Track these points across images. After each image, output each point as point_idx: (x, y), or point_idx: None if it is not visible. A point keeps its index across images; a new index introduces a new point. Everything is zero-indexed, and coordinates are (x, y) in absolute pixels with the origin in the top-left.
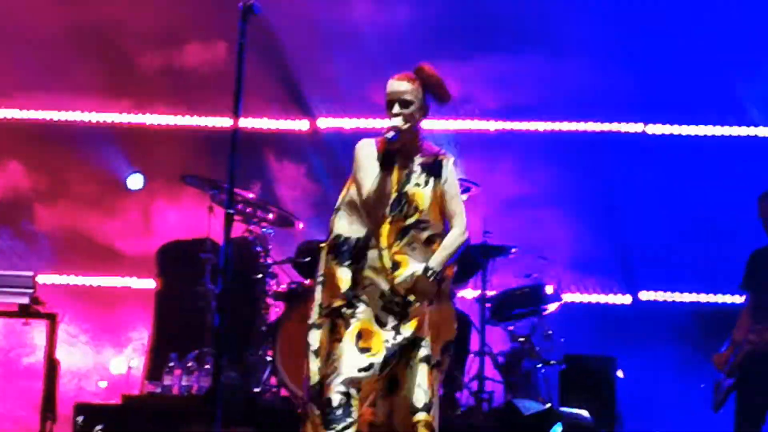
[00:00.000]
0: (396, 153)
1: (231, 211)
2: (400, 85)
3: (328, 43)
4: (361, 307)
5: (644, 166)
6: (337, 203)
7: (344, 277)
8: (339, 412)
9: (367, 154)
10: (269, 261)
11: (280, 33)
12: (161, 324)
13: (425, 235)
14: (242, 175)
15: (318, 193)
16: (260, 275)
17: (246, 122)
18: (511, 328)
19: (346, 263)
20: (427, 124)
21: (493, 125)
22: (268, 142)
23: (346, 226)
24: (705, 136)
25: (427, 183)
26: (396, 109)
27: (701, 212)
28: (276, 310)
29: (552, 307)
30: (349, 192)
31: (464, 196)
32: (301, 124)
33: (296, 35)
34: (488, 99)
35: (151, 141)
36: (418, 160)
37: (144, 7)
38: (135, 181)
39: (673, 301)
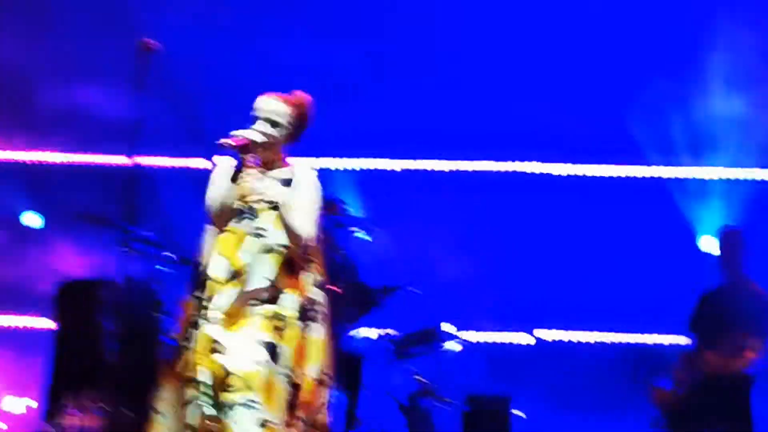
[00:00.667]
0: (244, 166)
1: (128, 249)
2: (271, 103)
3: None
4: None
5: (544, 206)
6: None
7: (188, 311)
8: None
9: (217, 171)
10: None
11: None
12: (59, 364)
13: (262, 244)
14: (141, 214)
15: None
16: (158, 314)
17: (145, 160)
18: (412, 367)
19: (197, 291)
20: (329, 162)
21: (398, 164)
22: (170, 180)
23: (206, 243)
24: (602, 176)
25: (274, 195)
26: (260, 126)
27: (601, 252)
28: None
29: (450, 346)
30: None
31: (364, 235)
32: (203, 162)
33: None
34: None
35: (49, 179)
36: (272, 174)
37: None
38: (31, 220)
39: (577, 341)
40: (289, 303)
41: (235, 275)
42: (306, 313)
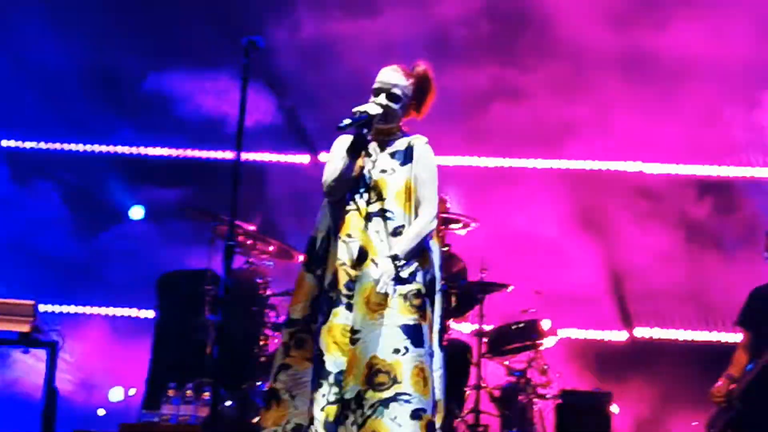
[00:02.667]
0: (366, 141)
1: (232, 243)
2: (392, 75)
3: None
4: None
5: (638, 206)
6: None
7: (306, 283)
8: None
9: (337, 144)
10: (269, 293)
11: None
12: (160, 354)
13: (393, 225)
14: (244, 208)
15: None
16: (260, 307)
17: (249, 155)
18: (507, 362)
19: (313, 266)
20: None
21: (491, 162)
22: (271, 175)
23: (320, 222)
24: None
25: (395, 171)
26: (381, 99)
27: (695, 251)
28: (275, 341)
29: (548, 342)
30: None
31: (463, 231)
32: (303, 158)
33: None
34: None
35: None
36: (389, 149)
37: None
38: (136, 212)
39: (667, 339)
40: (421, 279)
41: (366, 257)
42: (433, 290)
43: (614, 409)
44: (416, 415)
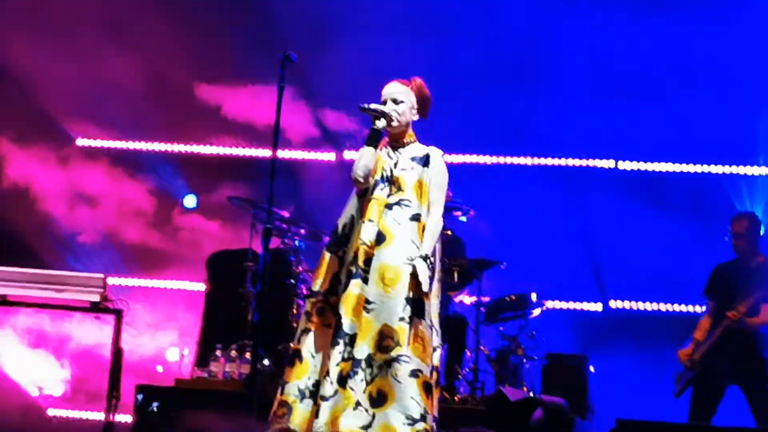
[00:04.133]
0: (380, 134)
1: (269, 226)
2: (395, 87)
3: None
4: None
5: (614, 196)
6: None
7: (326, 262)
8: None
9: (362, 148)
10: (300, 269)
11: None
12: (209, 320)
13: (409, 213)
14: (279, 197)
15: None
16: (292, 280)
17: (284, 153)
18: (501, 328)
19: (334, 248)
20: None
21: (488, 159)
22: (302, 170)
23: (346, 210)
24: (668, 172)
25: (413, 169)
26: (389, 105)
27: (662, 235)
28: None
29: (536, 312)
30: None
31: (463, 218)
32: (330, 156)
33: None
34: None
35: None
36: (408, 152)
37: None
38: (190, 201)
39: (637, 309)
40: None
41: (383, 239)
42: (433, 275)
43: (591, 368)
44: (414, 374)
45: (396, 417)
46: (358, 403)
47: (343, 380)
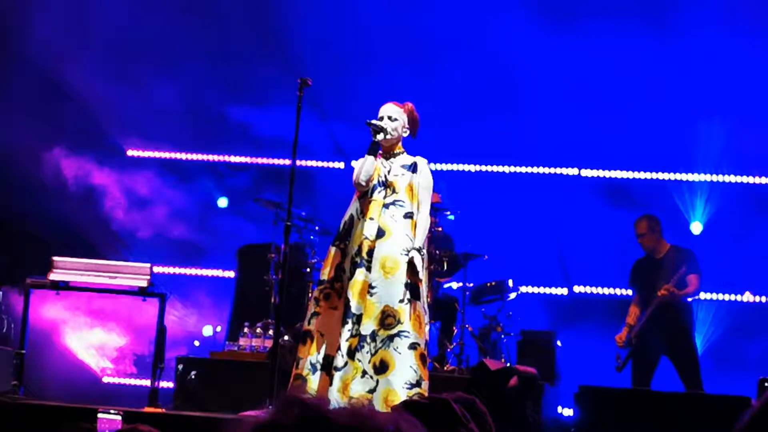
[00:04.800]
0: (378, 145)
1: (289, 223)
2: (390, 107)
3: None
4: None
5: (577, 198)
6: None
7: (332, 255)
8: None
9: (363, 158)
10: (314, 260)
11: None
12: (238, 302)
13: (403, 211)
14: (297, 199)
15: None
16: (308, 269)
17: (301, 162)
18: (483, 309)
19: (338, 242)
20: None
21: (473, 167)
22: (316, 176)
23: (347, 211)
24: (623, 178)
25: (404, 175)
26: (385, 122)
27: (616, 231)
28: None
29: (512, 296)
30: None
31: (452, 216)
32: (339, 164)
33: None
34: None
35: (234, 173)
36: (399, 161)
37: None
38: (222, 202)
39: (597, 293)
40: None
41: (382, 234)
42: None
43: (558, 343)
44: (412, 346)
45: (397, 383)
46: (364, 372)
47: (351, 353)
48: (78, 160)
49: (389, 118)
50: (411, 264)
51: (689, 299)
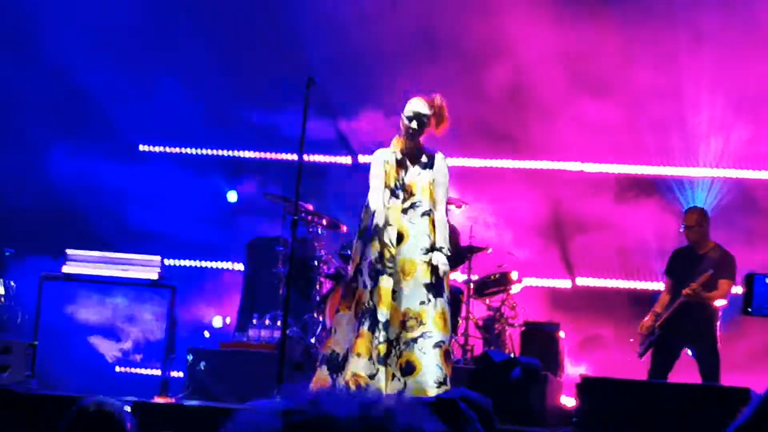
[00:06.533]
0: (402, 154)
1: (296, 217)
2: (421, 105)
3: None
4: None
5: (580, 193)
6: None
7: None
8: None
9: (375, 163)
10: (322, 252)
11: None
12: (247, 294)
13: (420, 211)
14: (305, 193)
15: (356, 206)
16: (316, 262)
17: (309, 157)
18: (487, 301)
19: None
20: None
21: (479, 162)
22: (324, 171)
23: (363, 215)
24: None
25: (420, 174)
26: (415, 125)
27: (619, 225)
28: (326, 286)
29: (516, 288)
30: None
31: (458, 210)
32: (346, 159)
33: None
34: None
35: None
36: (416, 159)
37: None
38: (232, 196)
39: (599, 286)
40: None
41: (402, 238)
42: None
43: (561, 334)
44: (437, 345)
45: (428, 382)
46: (393, 375)
47: (381, 360)
48: (89, 154)
49: (420, 122)
50: (433, 265)
51: (716, 304)
